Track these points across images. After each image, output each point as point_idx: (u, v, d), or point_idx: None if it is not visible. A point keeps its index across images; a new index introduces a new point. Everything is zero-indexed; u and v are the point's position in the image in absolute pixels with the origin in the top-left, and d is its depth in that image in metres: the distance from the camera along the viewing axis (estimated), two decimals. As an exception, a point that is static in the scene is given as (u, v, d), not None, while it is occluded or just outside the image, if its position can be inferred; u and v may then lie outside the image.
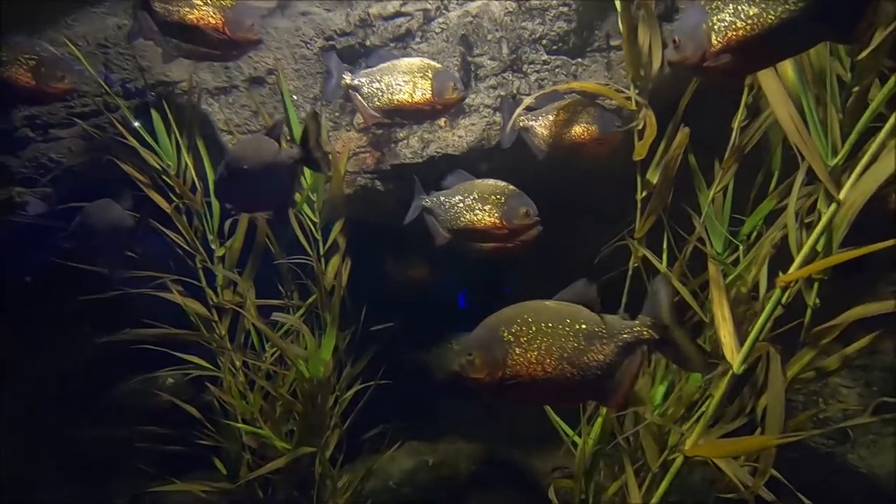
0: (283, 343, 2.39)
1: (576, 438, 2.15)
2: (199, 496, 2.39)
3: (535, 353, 1.45)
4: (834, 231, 1.50)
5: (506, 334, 1.48)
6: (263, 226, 2.53)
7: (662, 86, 2.29)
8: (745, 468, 1.72)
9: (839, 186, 1.50)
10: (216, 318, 2.48)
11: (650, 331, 1.46)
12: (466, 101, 2.53)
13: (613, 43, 2.50)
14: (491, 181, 2.22)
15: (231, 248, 2.53)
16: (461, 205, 2.18)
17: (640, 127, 2.16)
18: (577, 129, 2.15)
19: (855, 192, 1.44)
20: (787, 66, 1.62)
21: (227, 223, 2.57)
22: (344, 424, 2.64)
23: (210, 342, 2.40)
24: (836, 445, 2.54)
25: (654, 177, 2.24)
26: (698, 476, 2.64)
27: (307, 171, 2.58)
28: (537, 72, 2.47)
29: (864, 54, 1.56)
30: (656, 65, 2.13)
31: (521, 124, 2.26)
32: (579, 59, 2.48)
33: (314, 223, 2.66)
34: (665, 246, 2.24)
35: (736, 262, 2.13)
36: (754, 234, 2.20)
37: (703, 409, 1.97)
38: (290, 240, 2.65)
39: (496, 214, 2.11)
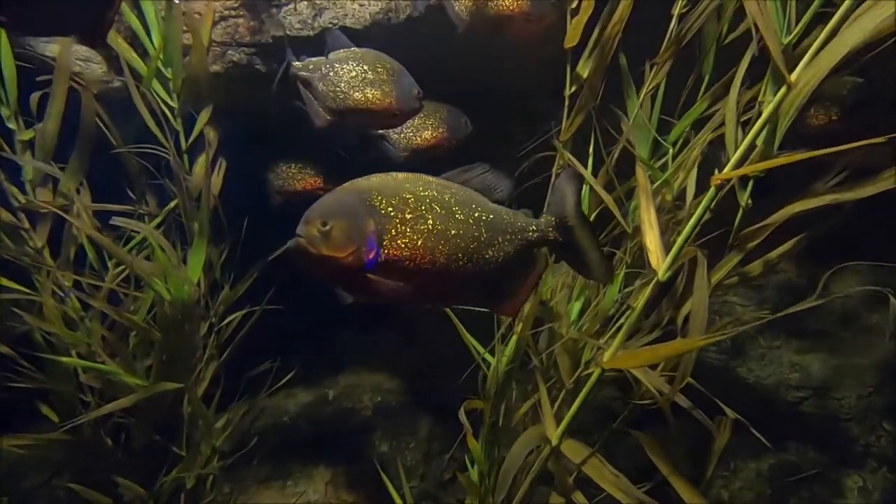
0: (127, 255, 1.89)
1: (488, 357, 1.98)
2: (23, 453, 1.89)
3: (423, 237, 1.11)
4: (781, 118, 1.34)
5: (381, 203, 1.11)
6: (90, 100, 1.90)
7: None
8: (662, 378, 1.65)
9: (791, 68, 1.32)
10: (27, 226, 1.87)
11: (555, 231, 1.24)
12: (369, -42, 2.03)
13: None
14: (372, 51, 1.82)
15: (44, 131, 1.89)
16: (349, 77, 1.75)
17: (574, 4, 1.85)
18: (506, 1, 1.79)
19: (808, 72, 1.26)
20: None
21: (35, 98, 1.90)
22: (222, 356, 2.25)
23: (18, 257, 1.81)
24: (730, 360, 2.67)
25: (584, 69, 1.98)
26: (607, 394, 2.67)
27: (156, 34, 1.97)
28: (457, -72, 2.02)
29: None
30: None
31: (439, -17, 1.84)
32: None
33: (172, 109, 2.09)
34: (591, 150, 2.04)
35: (663, 169, 1.99)
36: (681, 140, 2.07)
37: (622, 321, 1.87)
38: (139, 129, 2.06)
39: (392, 94, 1.72)
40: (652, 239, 1.62)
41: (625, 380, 2.05)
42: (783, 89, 1.32)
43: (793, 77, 1.30)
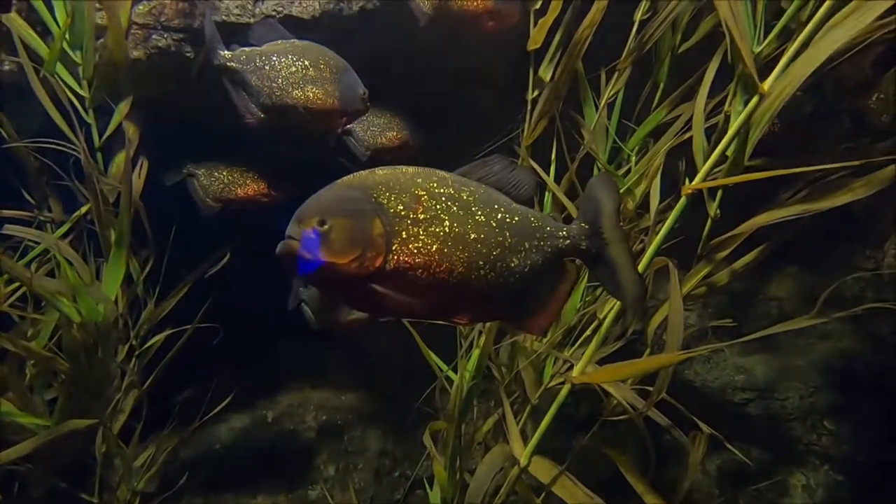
0: (24, 271, 1.58)
1: (451, 375, 1.85)
2: None
3: (439, 241, 0.94)
4: (752, 128, 1.31)
5: (390, 201, 0.94)
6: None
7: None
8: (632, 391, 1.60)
9: (762, 77, 1.30)
10: None
11: (588, 241, 1.08)
12: (319, -58, 1.85)
13: None
14: (313, 45, 1.65)
15: None
16: (288, 73, 1.56)
17: (538, 5, 1.78)
18: (471, -4, 1.67)
19: (782, 82, 1.24)
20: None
21: None
22: (145, 383, 1.96)
23: None
24: (678, 364, 2.70)
25: (547, 73, 1.91)
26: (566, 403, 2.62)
27: (60, 11, 1.68)
28: (418, -87, 1.88)
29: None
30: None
31: (398, -30, 1.69)
32: None
33: (82, 99, 1.79)
34: (554, 156, 1.97)
35: (626, 177, 1.96)
36: (639, 147, 2.05)
37: (588, 333, 1.81)
38: (40, 122, 1.74)
39: (335, 93, 1.55)
40: (621, 249, 1.56)
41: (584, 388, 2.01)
42: (755, 99, 1.30)
43: (766, 86, 1.28)
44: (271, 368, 3.07)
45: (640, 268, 1.50)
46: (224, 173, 2.24)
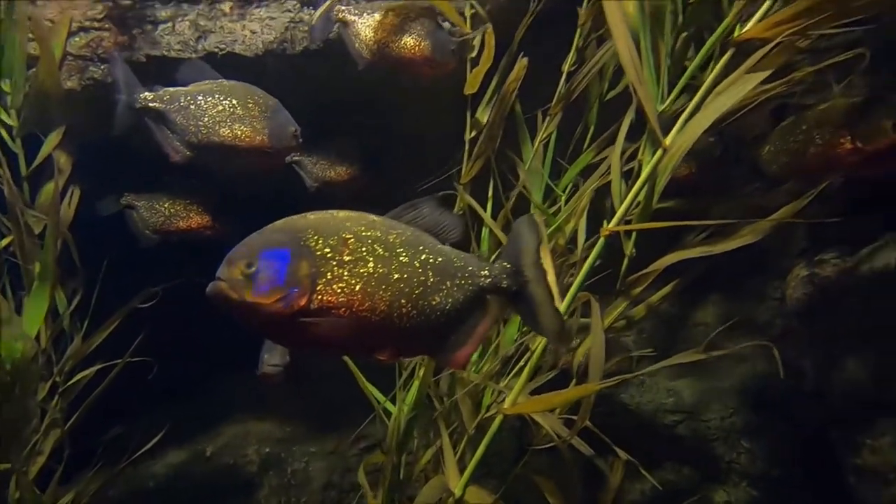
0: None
1: (389, 407, 1.88)
2: None
3: (363, 281, 1.01)
4: (658, 177, 1.46)
5: (317, 244, 1.00)
6: None
7: (498, 13, 2.07)
8: (559, 420, 1.68)
9: (665, 132, 1.46)
10: None
11: (510, 279, 1.15)
12: (265, -16, 1.91)
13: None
14: (242, 84, 1.70)
15: None
16: (215, 111, 1.60)
17: (474, 53, 1.90)
18: (409, 41, 1.77)
19: (681, 138, 1.40)
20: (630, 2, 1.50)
21: None
22: (69, 422, 1.87)
23: None
24: (614, 388, 2.84)
25: (484, 115, 2.03)
26: (505, 427, 2.68)
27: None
28: (360, -37, 1.98)
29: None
30: (495, -16, 1.87)
31: (339, 16, 1.77)
32: (411, -39, 2.07)
33: (9, 129, 1.74)
34: (490, 193, 2.08)
35: (556, 214, 2.09)
36: (570, 187, 2.20)
37: (522, 363, 1.90)
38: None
39: (265, 131, 1.60)
40: (550, 284, 1.67)
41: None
42: (659, 152, 1.45)
43: (667, 141, 1.43)
44: (212, 401, 2.97)
45: (566, 302, 1.61)
46: (166, 205, 2.21)
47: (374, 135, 2.44)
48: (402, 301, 1.04)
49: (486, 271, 1.15)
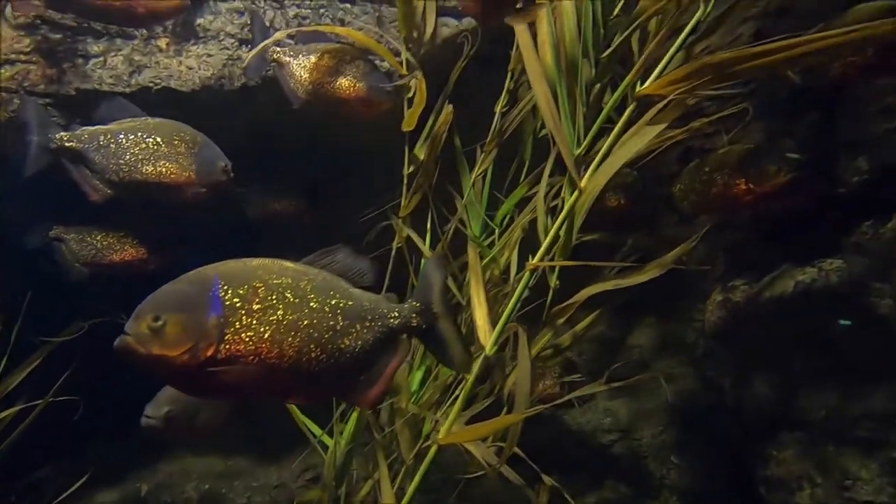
0: None
1: (326, 439, 1.88)
2: None
3: (272, 329, 1.04)
4: (575, 216, 1.58)
5: (226, 294, 1.04)
6: None
7: (436, 55, 2.18)
8: (494, 447, 1.74)
9: (581, 175, 1.58)
10: None
11: (419, 318, 1.23)
12: (202, 23, 1.94)
13: (389, -4, 2.26)
14: (167, 121, 1.71)
15: None
16: (136, 149, 1.60)
17: (410, 94, 1.99)
18: (344, 82, 1.84)
19: (593, 181, 1.52)
20: (548, 51, 1.64)
21: None
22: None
23: None
24: (558, 409, 2.95)
25: (422, 152, 2.12)
26: (449, 453, 2.72)
27: None
28: (297, 6, 2.05)
29: (605, 54, 1.68)
30: (429, 29, 1.98)
31: (274, 56, 1.81)
32: (348, 5, 2.16)
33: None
34: (429, 226, 2.15)
35: (493, 245, 2.18)
36: (507, 218, 2.31)
37: (457, 393, 1.95)
38: None
39: (192, 167, 1.62)
40: (480, 315, 1.75)
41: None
42: (576, 193, 1.57)
43: (582, 184, 1.56)
44: (148, 437, 2.84)
45: (495, 334, 1.69)
46: (98, 238, 2.15)
47: (317, 168, 2.47)
48: (312, 346, 1.08)
49: (395, 312, 1.22)
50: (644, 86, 1.47)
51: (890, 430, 1.84)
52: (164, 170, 1.60)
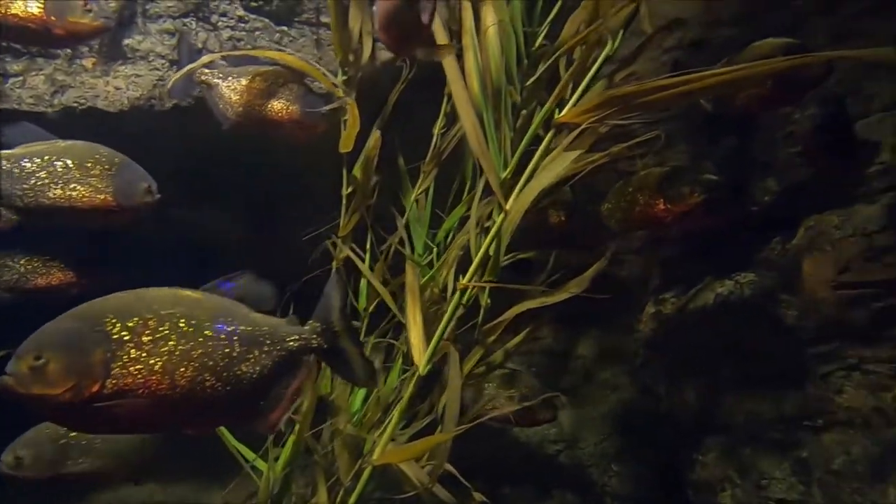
0: None
1: (260, 465, 1.85)
2: None
3: (163, 360, 1.04)
4: (502, 237, 1.64)
5: (114, 328, 1.02)
6: None
7: (376, 77, 2.23)
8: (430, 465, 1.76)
9: (507, 197, 1.65)
10: None
11: (320, 338, 1.25)
12: (131, 44, 1.91)
13: (324, 19, 2.29)
14: (81, 144, 1.67)
15: None
16: (43, 173, 1.56)
17: (345, 117, 2.02)
18: (276, 105, 1.84)
19: (517, 203, 1.59)
20: (474, 79, 1.71)
21: None
22: None
23: None
24: (501, 424, 3.00)
25: (360, 171, 2.14)
26: (395, 472, 2.71)
27: None
28: (231, 28, 2.05)
29: (530, 81, 1.77)
30: (367, 53, 2.02)
31: (202, 78, 1.80)
32: (285, 28, 2.18)
33: None
34: (368, 246, 2.17)
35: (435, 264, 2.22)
36: (449, 237, 2.36)
37: (394, 413, 1.96)
38: None
39: (108, 189, 1.58)
40: (415, 335, 1.78)
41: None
42: (502, 215, 1.63)
43: (508, 206, 1.62)
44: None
45: (429, 352, 1.72)
46: (21, 262, 2.05)
47: (261, 188, 2.46)
48: (206, 375, 1.08)
49: (295, 335, 1.23)
50: (561, 114, 1.55)
51: (798, 432, 1.97)
52: (75, 193, 1.55)
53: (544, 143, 1.59)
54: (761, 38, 1.99)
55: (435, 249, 2.22)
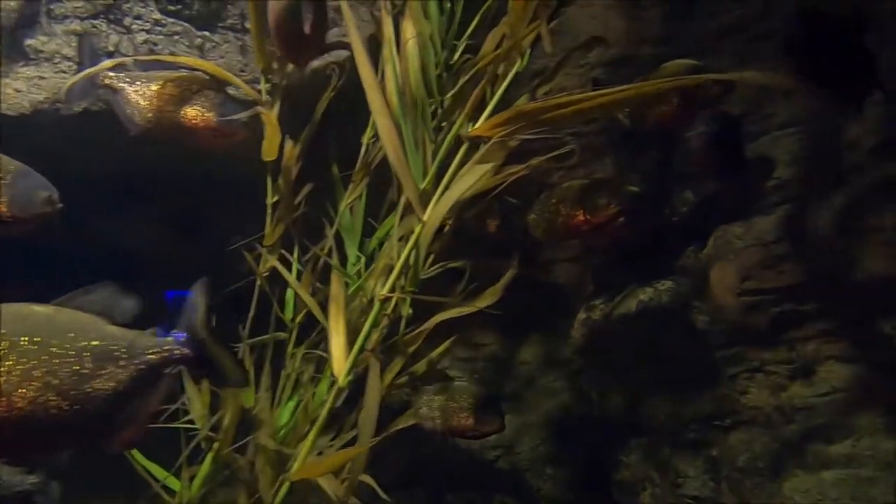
0: None
1: (172, 483, 1.78)
2: None
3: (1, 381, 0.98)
4: (420, 247, 1.65)
5: None
6: None
7: (305, 86, 2.21)
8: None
9: (426, 208, 1.66)
10: None
11: (183, 348, 1.21)
12: (34, 44, 1.82)
13: (249, 25, 2.25)
14: None
15: None
16: None
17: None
18: (190, 112, 1.79)
19: (434, 213, 1.61)
20: (392, 90, 1.72)
21: None
22: None
23: None
24: (446, 435, 3.00)
25: (282, 181, 2.11)
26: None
27: None
28: (147, 31, 1.98)
29: (450, 94, 1.80)
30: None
31: (106, 82, 1.73)
32: (207, 33, 2.13)
33: None
34: (295, 256, 2.14)
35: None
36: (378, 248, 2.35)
37: (316, 425, 1.93)
38: None
39: (1, 199, 1.49)
40: (337, 345, 1.76)
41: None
42: (420, 225, 1.65)
43: (425, 217, 1.64)
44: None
45: (349, 364, 1.71)
46: None
47: (186, 196, 2.38)
48: (50, 395, 1.03)
49: (155, 347, 1.19)
50: (475, 126, 1.58)
51: (710, 431, 2.08)
52: None
53: (459, 156, 1.62)
54: (680, 57, 2.11)
55: (363, 259, 2.21)
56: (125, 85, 1.71)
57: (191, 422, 1.88)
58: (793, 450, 1.83)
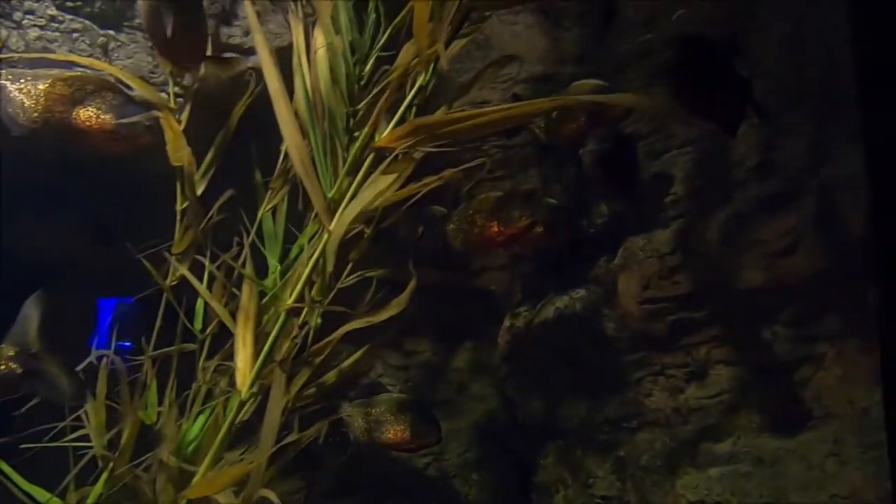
0: None
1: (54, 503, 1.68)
2: None
3: None
4: (328, 256, 1.64)
5: None
6: None
7: (220, 90, 2.15)
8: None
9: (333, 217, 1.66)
10: None
11: (12, 362, 1.19)
12: None
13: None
14: None
15: None
16: None
17: (182, 126, 1.93)
18: (83, 113, 1.70)
19: (340, 223, 1.61)
20: (301, 99, 1.71)
21: None
22: None
23: None
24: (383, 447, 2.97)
25: (200, 186, 2.05)
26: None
27: None
28: (41, 28, 1.88)
29: (362, 104, 1.81)
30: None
31: (-17, 77, 1.62)
32: (112, 32, 2.04)
33: None
34: (207, 264, 2.08)
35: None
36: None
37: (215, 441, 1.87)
38: None
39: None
40: (242, 357, 1.72)
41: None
42: (326, 235, 1.64)
43: (332, 227, 1.63)
44: None
45: (251, 377, 1.67)
46: None
47: (102, 203, 2.27)
48: None
49: None
50: (381, 137, 1.60)
51: (619, 433, 2.17)
52: None
53: (365, 166, 1.63)
54: (597, 76, 2.21)
55: (278, 268, 2.17)
56: (6, 83, 1.61)
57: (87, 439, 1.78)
58: (687, 449, 1.95)
